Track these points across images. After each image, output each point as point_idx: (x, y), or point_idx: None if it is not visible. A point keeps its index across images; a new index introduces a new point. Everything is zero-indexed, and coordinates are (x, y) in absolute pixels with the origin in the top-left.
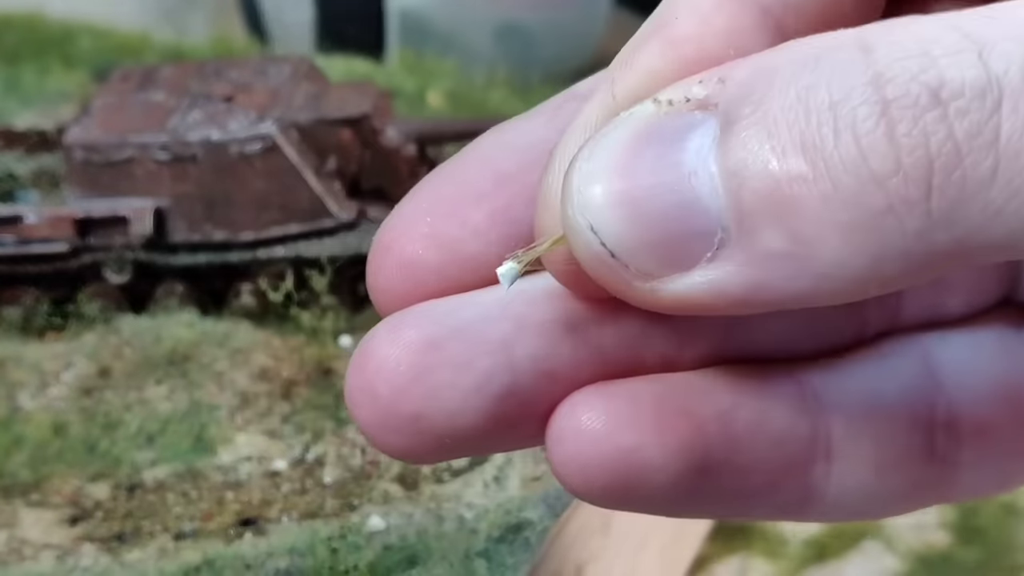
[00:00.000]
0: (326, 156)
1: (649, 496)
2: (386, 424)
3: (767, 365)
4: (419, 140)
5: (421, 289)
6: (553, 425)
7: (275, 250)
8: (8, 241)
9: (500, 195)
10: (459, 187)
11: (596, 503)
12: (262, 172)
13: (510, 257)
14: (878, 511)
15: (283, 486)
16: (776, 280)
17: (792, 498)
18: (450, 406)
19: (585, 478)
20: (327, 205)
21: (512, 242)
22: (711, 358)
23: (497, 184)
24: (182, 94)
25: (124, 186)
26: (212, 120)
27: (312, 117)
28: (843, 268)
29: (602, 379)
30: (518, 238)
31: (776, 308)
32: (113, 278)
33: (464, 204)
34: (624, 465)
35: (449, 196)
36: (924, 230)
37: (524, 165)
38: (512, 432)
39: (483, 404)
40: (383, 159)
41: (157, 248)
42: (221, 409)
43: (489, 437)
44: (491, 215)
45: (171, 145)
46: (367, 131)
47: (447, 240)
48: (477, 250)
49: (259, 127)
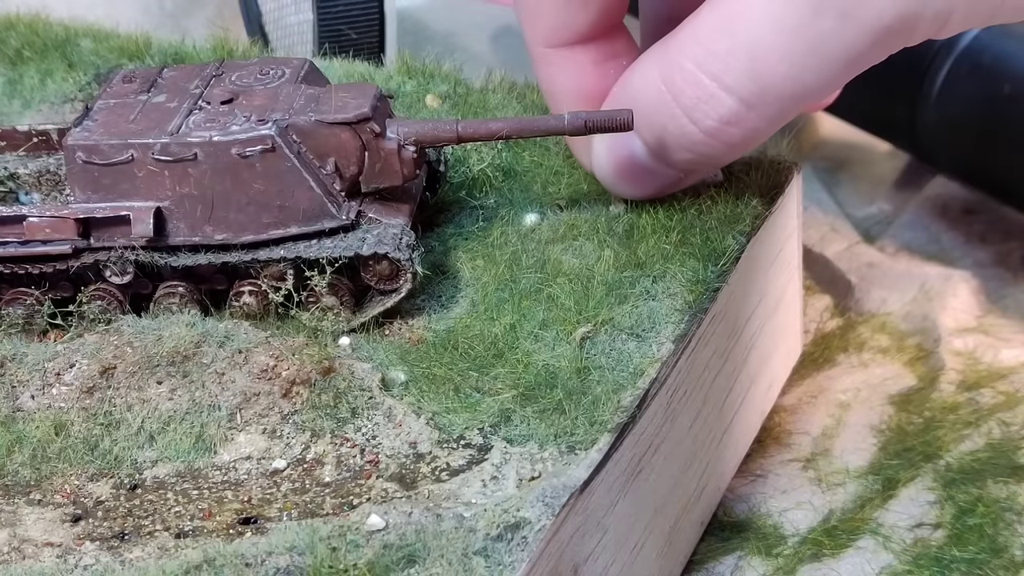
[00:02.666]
0: (326, 157)
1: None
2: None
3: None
4: (418, 142)
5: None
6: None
7: (275, 251)
8: (10, 242)
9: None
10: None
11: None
12: (262, 173)
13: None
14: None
15: (283, 485)
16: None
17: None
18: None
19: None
20: (327, 206)
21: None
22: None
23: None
24: (183, 96)
25: (125, 187)
26: (213, 122)
27: (312, 119)
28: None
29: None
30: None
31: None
32: (115, 279)
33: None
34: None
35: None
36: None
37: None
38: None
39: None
40: (383, 160)
41: (158, 249)
42: (221, 409)
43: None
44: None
45: (172, 147)
46: (367, 132)
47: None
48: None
49: (259, 129)
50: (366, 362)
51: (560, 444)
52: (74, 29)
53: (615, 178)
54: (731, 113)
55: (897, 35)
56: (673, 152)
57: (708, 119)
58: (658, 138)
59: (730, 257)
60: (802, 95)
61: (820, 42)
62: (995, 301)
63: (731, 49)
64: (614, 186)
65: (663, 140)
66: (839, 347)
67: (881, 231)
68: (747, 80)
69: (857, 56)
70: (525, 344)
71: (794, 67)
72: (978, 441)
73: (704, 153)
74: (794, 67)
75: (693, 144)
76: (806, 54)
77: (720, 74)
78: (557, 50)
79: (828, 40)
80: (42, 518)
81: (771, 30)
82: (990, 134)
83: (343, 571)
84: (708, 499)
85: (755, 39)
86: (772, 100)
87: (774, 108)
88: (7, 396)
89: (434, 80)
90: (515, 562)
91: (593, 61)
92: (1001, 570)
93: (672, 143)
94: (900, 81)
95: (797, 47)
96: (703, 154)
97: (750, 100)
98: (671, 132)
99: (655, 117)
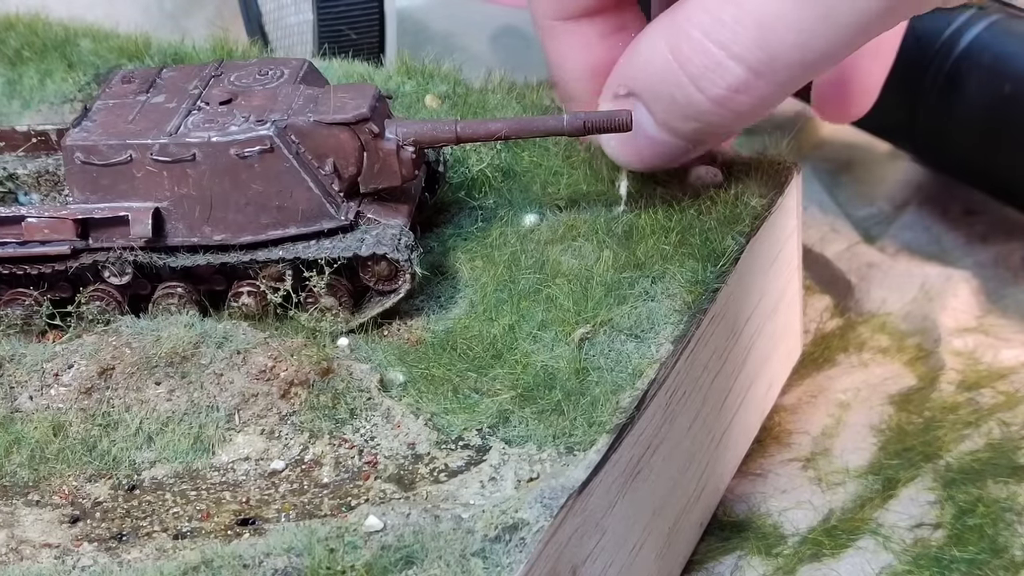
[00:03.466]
0: (324, 158)
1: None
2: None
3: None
4: (417, 142)
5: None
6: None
7: (274, 251)
8: (9, 242)
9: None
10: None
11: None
12: (261, 174)
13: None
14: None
15: (281, 486)
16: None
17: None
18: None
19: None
20: (326, 207)
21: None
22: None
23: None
24: (182, 96)
25: (124, 188)
26: (211, 122)
27: (311, 119)
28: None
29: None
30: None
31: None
32: (113, 279)
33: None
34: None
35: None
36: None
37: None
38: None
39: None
40: (381, 161)
41: (157, 249)
42: (220, 409)
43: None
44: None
45: (171, 147)
46: (365, 133)
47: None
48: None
49: (258, 129)
50: (365, 363)
51: (559, 445)
52: (73, 29)
53: (621, 149)
54: (739, 81)
55: (908, 1)
56: (680, 121)
57: (716, 87)
58: (665, 107)
59: (729, 258)
60: (811, 63)
61: (830, 8)
62: (995, 301)
63: (738, 17)
64: (620, 157)
65: (670, 109)
66: (839, 347)
67: (881, 231)
68: (755, 48)
69: (868, 23)
70: (524, 345)
71: (803, 34)
72: (978, 441)
73: (711, 122)
74: (803, 34)
75: (700, 113)
76: (815, 20)
77: (728, 42)
78: (564, 23)
79: (838, 6)
80: (40, 519)
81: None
82: (990, 134)
83: (341, 572)
84: (707, 500)
85: (763, 7)
86: (781, 68)
87: (783, 76)
88: (5, 397)
89: (433, 80)
90: (513, 563)
91: (600, 34)
92: (1001, 570)
93: (679, 112)
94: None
95: (806, 14)
96: (710, 123)
97: (758, 68)
98: (678, 101)
99: (662, 86)
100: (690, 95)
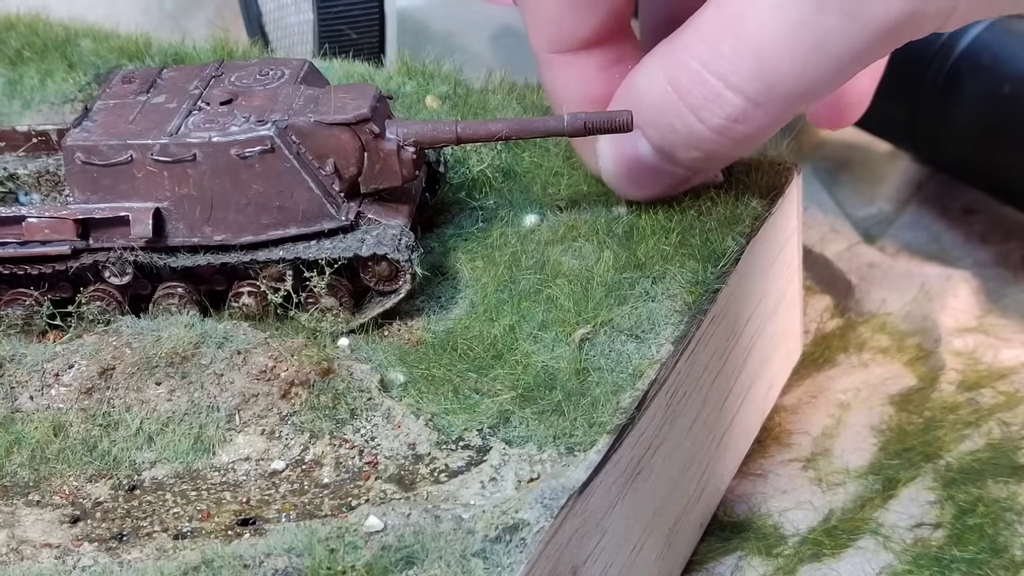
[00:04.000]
0: (325, 158)
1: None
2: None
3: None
4: (418, 142)
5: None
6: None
7: (274, 252)
8: (9, 242)
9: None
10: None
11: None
12: (261, 174)
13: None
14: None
15: (281, 486)
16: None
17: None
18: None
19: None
20: (326, 207)
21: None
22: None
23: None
24: (183, 97)
25: (124, 188)
26: (212, 122)
27: (311, 119)
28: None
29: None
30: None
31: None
32: (114, 279)
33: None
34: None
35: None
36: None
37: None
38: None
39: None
40: (382, 161)
41: (157, 250)
42: (220, 410)
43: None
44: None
45: (171, 147)
46: (366, 133)
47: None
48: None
49: (259, 129)
50: (365, 363)
51: (559, 445)
52: (74, 29)
53: (621, 179)
54: (738, 112)
55: (902, 30)
56: (681, 151)
57: (716, 117)
58: (665, 137)
59: (730, 258)
60: (808, 92)
61: (824, 39)
62: (995, 301)
63: (736, 48)
64: (620, 187)
65: (670, 139)
66: (839, 347)
67: (881, 231)
68: (753, 79)
69: (862, 53)
70: (524, 345)
71: (798, 65)
72: (978, 441)
73: (712, 151)
74: (798, 65)
75: (701, 142)
76: (810, 52)
77: (726, 74)
78: (562, 55)
79: (832, 37)
80: (40, 519)
81: (775, 29)
82: (990, 134)
83: (341, 572)
84: (708, 500)
85: (760, 38)
86: (778, 98)
87: (781, 105)
88: (6, 397)
89: (434, 81)
90: (514, 564)
91: (599, 66)
92: (1001, 570)
93: (679, 142)
94: (900, 81)
95: (801, 45)
96: (711, 152)
97: (757, 99)
98: (678, 131)
99: (661, 117)
100: (690, 125)
